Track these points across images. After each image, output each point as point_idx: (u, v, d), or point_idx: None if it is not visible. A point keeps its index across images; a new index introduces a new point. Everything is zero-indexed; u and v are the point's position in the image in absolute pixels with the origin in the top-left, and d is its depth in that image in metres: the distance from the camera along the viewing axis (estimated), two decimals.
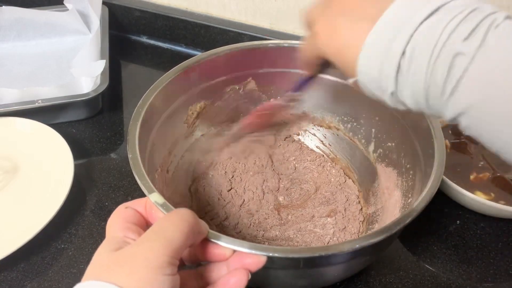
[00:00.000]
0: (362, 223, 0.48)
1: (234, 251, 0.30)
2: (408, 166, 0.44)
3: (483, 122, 0.24)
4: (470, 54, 0.24)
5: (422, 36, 0.25)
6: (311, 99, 0.54)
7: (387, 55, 0.26)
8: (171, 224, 0.28)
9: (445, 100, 0.25)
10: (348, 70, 0.30)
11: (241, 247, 0.30)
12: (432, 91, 0.25)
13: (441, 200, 0.51)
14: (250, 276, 0.30)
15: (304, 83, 0.42)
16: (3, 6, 0.70)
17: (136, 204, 0.33)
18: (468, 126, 0.25)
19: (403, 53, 0.26)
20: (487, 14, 0.24)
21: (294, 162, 0.55)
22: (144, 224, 0.32)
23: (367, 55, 0.27)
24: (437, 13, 0.25)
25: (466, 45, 0.24)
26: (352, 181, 0.52)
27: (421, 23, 0.25)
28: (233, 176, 0.52)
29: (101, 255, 0.28)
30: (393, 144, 0.47)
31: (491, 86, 0.23)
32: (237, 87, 0.53)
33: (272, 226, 0.48)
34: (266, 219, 0.48)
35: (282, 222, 0.48)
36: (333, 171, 0.53)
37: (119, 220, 0.31)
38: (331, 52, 0.31)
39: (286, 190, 0.52)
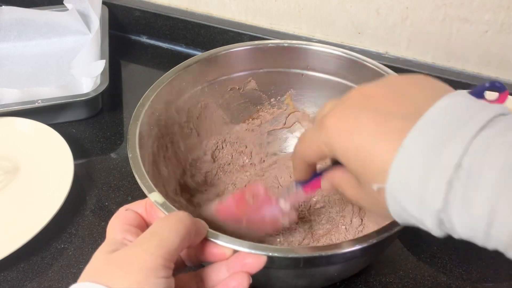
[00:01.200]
0: (361, 223, 0.48)
1: (235, 250, 0.30)
2: None
3: None
4: None
5: (485, 145, 0.20)
6: (311, 99, 0.54)
7: (436, 165, 0.21)
8: (167, 227, 0.28)
9: None
10: (369, 174, 0.24)
11: (241, 247, 0.30)
12: (501, 219, 0.20)
13: None
14: (251, 280, 0.30)
15: (306, 184, 0.35)
16: (3, 6, 0.70)
17: (136, 206, 0.33)
18: None
19: (459, 165, 0.21)
20: None
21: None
22: (144, 226, 0.32)
23: (405, 160, 0.22)
24: (496, 122, 0.21)
25: None
26: None
27: (480, 130, 0.21)
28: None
29: (98, 257, 0.28)
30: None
31: None
32: (237, 87, 0.53)
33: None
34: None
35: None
36: None
37: (118, 222, 0.31)
38: (347, 153, 0.25)
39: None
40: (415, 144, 0.22)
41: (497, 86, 0.29)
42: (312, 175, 0.34)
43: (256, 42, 0.51)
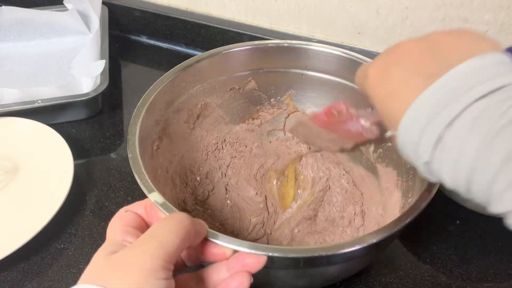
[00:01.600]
0: (363, 224, 0.48)
1: (235, 250, 0.30)
2: (408, 166, 0.44)
3: None
4: None
5: (478, 112, 0.23)
6: (311, 99, 0.54)
7: (432, 121, 0.24)
8: (166, 228, 0.28)
9: (497, 193, 0.22)
10: (389, 122, 0.28)
11: (241, 247, 0.30)
12: (479, 176, 0.23)
13: (441, 200, 0.51)
14: (252, 280, 0.30)
15: None
16: (3, 6, 0.70)
17: (136, 206, 0.33)
18: None
19: (450, 124, 0.23)
20: None
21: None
22: (145, 227, 0.32)
23: (412, 115, 0.25)
24: (501, 91, 0.23)
25: None
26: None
27: (480, 98, 0.23)
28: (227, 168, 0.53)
29: (98, 259, 0.28)
30: (393, 144, 0.47)
31: None
32: (237, 87, 0.53)
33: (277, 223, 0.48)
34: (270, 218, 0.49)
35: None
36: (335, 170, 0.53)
37: (118, 224, 0.31)
38: (377, 99, 0.29)
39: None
40: (423, 103, 0.25)
41: None
42: None
43: (256, 42, 0.51)
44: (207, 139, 0.53)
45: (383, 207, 0.47)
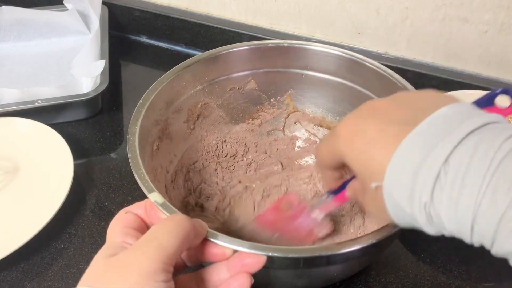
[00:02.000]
0: (363, 223, 0.48)
1: (235, 250, 0.30)
2: None
3: None
4: None
5: (472, 147, 0.22)
6: (311, 99, 0.54)
7: (425, 162, 0.23)
8: (165, 230, 0.28)
9: (506, 231, 0.21)
10: (370, 174, 0.27)
11: (241, 247, 0.30)
12: (484, 215, 0.22)
13: None
14: (253, 280, 0.30)
15: (338, 192, 0.37)
16: (3, 6, 0.70)
17: (136, 207, 0.33)
18: None
19: (446, 161, 0.23)
20: None
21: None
22: (145, 228, 0.32)
23: (400, 160, 0.25)
24: (486, 128, 0.23)
25: None
26: None
27: (469, 134, 0.23)
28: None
29: (97, 262, 0.28)
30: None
31: None
32: (237, 87, 0.53)
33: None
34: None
35: None
36: None
37: (118, 225, 0.31)
38: (352, 154, 0.28)
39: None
40: (409, 147, 0.24)
41: (511, 93, 0.29)
42: (340, 186, 0.35)
43: (256, 42, 0.51)
44: (207, 139, 0.53)
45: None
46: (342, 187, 0.36)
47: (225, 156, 0.54)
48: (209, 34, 0.73)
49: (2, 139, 0.56)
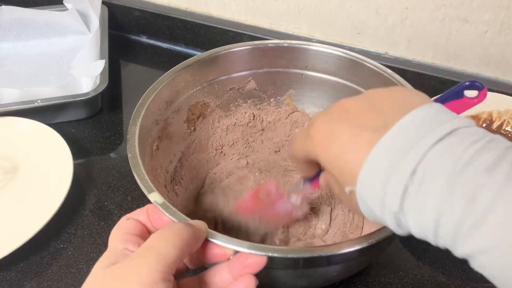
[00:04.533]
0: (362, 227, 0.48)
1: (235, 251, 0.30)
2: None
3: (508, 265, 0.21)
4: (495, 188, 0.21)
5: (438, 156, 0.23)
6: (311, 99, 0.54)
7: (395, 171, 0.24)
8: (164, 239, 0.28)
9: (463, 234, 0.22)
10: (343, 178, 0.27)
11: (240, 247, 0.30)
12: (445, 220, 0.23)
13: None
14: (257, 282, 0.30)
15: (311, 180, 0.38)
16: (3, 6, 0.70)
17: (138, 214, 0.33)
18: (485, 266, 0.23)
19: (414, 172, 0.23)
20: (508, 146, 0.23)
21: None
22: (147, 234, 0.32)
23: (371, 167, 0.25)
24: (453, 135, 0.24)
25: (490, 178, 0.22)
26: None
27: (437, 142, 0.23)
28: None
29: (97, 271, 0.28)
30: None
31: None
32: (237, 87, 0.53)
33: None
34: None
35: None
36: None
37: (119, 232, 0.31)
38: (326, 158, 0.28)
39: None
40: (380, 154, 0.25)
41: (477, 85, 0.31)
42: (316, 173, 0.36)
43: (256, 42, 0.51)
44: (207, 139, 0.53)
45: None
46: (317, 175, 0.37)
47: (225, 156, 0.54)
48: (209, 34, 0.73)
49: (2, 139, 0.56)
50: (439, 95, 0.33)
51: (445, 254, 0.47)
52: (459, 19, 0.57)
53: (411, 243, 0.48)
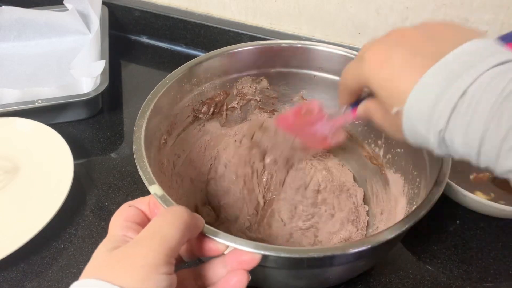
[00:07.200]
0: (366, 228, 0.48)
1: (229, 247, 0.31)
2: (415, 173, 0.44)
3: None
4: None
5: (488, 80, 0.25)
6: (323, 100, 0.53)
7: (446, 91, 0.26)
8: (166, 223, 0.28)
9: (506, 150, 0.24)
10: (392, 99, 0.29)
11: (234, 243, 0.30)
12: (490, 135, 0.24)
13: (441, 200, 0.50)
14: (250, 277, 0.30)
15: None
16: (3, 6, 0.70)
17: (139, 202, 0.33)
18: None
19: (464, 93, 0.25)
20: None
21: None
22: (147, 223, 0.32)
23: (423, 87, 0.27)
24: (505, 65, 0.25)
25: None
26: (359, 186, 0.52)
27: (488, 69, 0.25)
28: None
29: (100, 254, 0.28)
30: (402, 150, 0.47)
31: None
32: (249, 86, 0.53)
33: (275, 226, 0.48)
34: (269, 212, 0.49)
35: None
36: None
37: (120, 219, 0.31)
38: (378, 80, 0.30)
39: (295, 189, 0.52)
40: (432, 77, 0.26)
41: None
42: (355, 102, 0.37)
43: (269, 41, 0.51)
44: (215, 138, 0.53)
45: (388, 213, 0.46)
46: (355, 104, 0.37)
47: (231, 155, 0.54)
48: (209, 34, 0.73)
49: (2, 139, 0.56)
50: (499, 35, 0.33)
51: (446, 254, 0.47)
52: (460, 19, 0.57)
53: (412, 243, 0.48)
